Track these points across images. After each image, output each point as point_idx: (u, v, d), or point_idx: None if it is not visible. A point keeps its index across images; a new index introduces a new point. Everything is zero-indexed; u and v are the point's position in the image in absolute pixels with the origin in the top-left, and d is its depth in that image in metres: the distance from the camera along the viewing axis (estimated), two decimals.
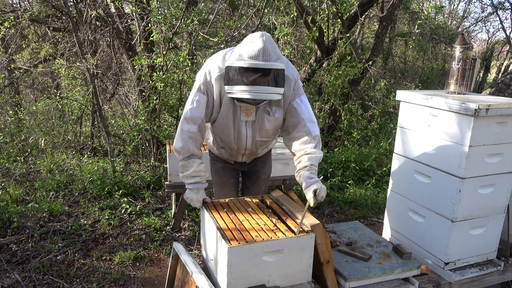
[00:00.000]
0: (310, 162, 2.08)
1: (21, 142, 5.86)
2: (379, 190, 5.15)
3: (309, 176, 2.04)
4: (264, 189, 2.70)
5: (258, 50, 1.88)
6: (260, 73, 1.88)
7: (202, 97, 2.12)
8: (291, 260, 1.89)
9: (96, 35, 5.86)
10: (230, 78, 1.96)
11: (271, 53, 1.90)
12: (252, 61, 1.88)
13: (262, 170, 2.60)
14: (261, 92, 1.91)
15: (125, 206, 4.23)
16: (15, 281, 3.01)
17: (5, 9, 6.62)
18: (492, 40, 12.82)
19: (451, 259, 2.41)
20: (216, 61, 2.11)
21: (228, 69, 1.97)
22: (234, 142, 2.27)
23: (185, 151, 2.15)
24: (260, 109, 2.17)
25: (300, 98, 2.19)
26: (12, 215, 3.86)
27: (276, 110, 2.18)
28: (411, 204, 2.62)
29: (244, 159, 2.47)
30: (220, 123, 2.21)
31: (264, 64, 1.88)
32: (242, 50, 1.94)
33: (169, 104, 5.19)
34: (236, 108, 2.17)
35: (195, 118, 2.13)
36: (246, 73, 1.89)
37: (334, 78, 5.69)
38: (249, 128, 2.23)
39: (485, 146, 2.28)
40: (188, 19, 4.70)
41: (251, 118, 2.19)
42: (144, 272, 3.29)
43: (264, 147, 2.42)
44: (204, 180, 2.20)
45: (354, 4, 5.67)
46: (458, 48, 2.49)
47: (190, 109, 2.13)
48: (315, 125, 2.19)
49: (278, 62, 1.93)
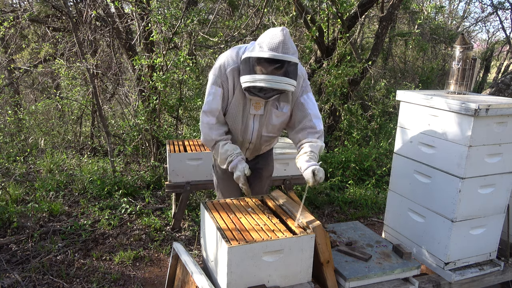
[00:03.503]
0: (311, 149, 2.18)
1: (21, 142, 5.86)
2: (379, 190, 5.15)
3: (308, 160, 2.13)
4: (267, 189, 2.72)
5: (278, 42, 1.97)
6: (278, 64, 1.97)
7: (218, 90, 2.21)
8: (291, 260, 1.89)
9: (96, 35, 5.86)
10: (248, 68, 2.04)
11: (290, 47, 2.00)
12: (272, 52, 1.97)
13: (265, 168, 2.64)
14: (277, 81, 2.00)
15: (125, 206, 4.23)
16: (15, 281, 3.01)
17: (5, 9, 6.61)
18: (492, 40, 12.84)
19: (451, 259, 2.41)
20: (230, 55, 2.20)
21: (246, 60, 2.05)
22: (240, 135, 2.35)
23: (208, 141, 2.28)
24: (269, 103, 2.25)
25: (307, 95, 2.29)
26: (12, 215, 3.86)
27: (284, 106, 2.27)
28: (411, 204, 2.62)
29: (247, 155, 2.52)
30: (229, 115, 2.28)
31: (283, 56, 1.97)
32: (262, 41, 2.02)
33: (169, 104, 5.19)
34: (246, 101, 2.24)
35: (213, 110, 2.23)
36: (264, 63, 1.98)
37: (334, 78, 5.69)
38: (256, 121, 2.31)
39: (485, 146, 2.28)
40: (188, 19, 4.70)
41: (259, 112, 2.27)
42: (144, 272, 3.29)
43: (268, 144, 2.47)
44: (236, 155, 2.25)
45: (354, 4, 5.67)
46: (458, 48, 2.49)
47: (207, 102, 2.23)
48: (320, 120, 2.29)
49: (294, 56, 2.03)
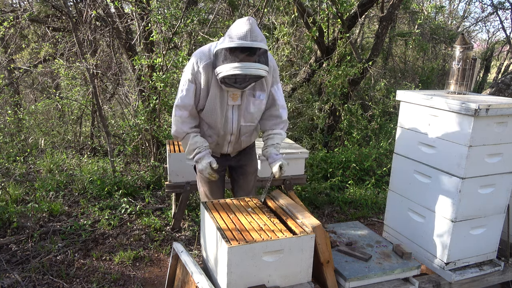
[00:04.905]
0: (277, 141, 2.47)
1: (21, 142, 5.86)
2: (379, 190, 5.15)
3: (275, 152, 2.43)
4: (253, 185, 2.75)
5: (246, 31, 2.07)
6: (248, 51, 2.07)
7: (191, 86, 2.30)
8: (291, 260, 1.89)
9: (96, 35, 5.86)
10: (221, 59, 2.12)
11: (258, 35, 2.10)
12: (241, 41, 2.07)
13: (249, 164, 2.70)
14: (250, 67, 2.09)
15: (125, 206, 4.22)
16: (15, 281, 3.01)
17: (5, 9, 6.61)
18: (492, 40, 12.84)
19: (451, 259, 2.41)
20: (203, 51, 2.29)
21: (218, 52, 2.15)
22: (221, 128, 2.41)
23: (179, 133, 2.38)
24: (245, 93, 2.34)
25: (277, 85, 2.46)
26: (12, 215, 3.86)
27: (261, 94, 2.38)
28: (411, 204, 2.62)
29: (229, 150, 2.56)
30: (208, 109, 2.35)
31: (251, 43, 2.07)
32: (231, 32, 2.12)
33: (169, 104, 5.19)
34: (223, 94, 2.32)
35: (186, 105, 2.33)
36: (236, 51, 2.07)
37: (334, 78, 5.69)
38: (235, 112, 2.39)
39: (485, 146, 2.28)
40: (188, 19, 4.69)
41: (237, 102, 2.36)
42: (144, 272, 3.28)
43: (247, 135, 2.52)
44: (204, 148, 2.37)
45: (354, 4, 5.67)
46: (458, 48, 2.49)
47: (180, 97, 2.33)
48: (285, 111, 2.52)
49: (263, 43, 2.12)
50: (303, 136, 6.33)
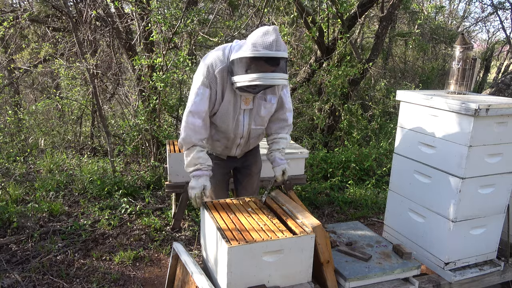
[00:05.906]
0: (282, 145, 2.48)
1: (21, 142, 5.86)
2: (379, 190, 5.15)
3: (280, 157, 2.46)
4: (256, 186, 2.74)
5: (272, 41, 2.02)
6: (273, 61, 2.03)
7: (205, 91, 2.22)
8: (291, 260, 1.89)
9: (96, 35, 5.86)
10: (243, 68, 2.06)
11: (281, 44, 2.06)
12: (268, 51, 2.02)
13: (254, 164, 2.68)
14: (274, 78, 2.05)
15: (125, 206, 4.22)
16: (15, 281, 3.01)
17: (5, 9, 6.61)
18: (492, 40, 12.84)
19: (451, 259, 2.41)
20: (217, 55, 2.22)
21: (239, 60, 2.07)
22: (232, 131, 2.38)
23: (187, 142, 2.27)
24: (257, 97, 2.31)
25: (286, 89, 2.45)
26: (12, 215, 3.86)
27: (272, 97, 2.36)
28: (411, 204, 2.62)
29: (237, 152, 2.54)
30: (221, 114, 2.30)
31: (276, 53, 2.03)
32: (255, 41, 2.03)
33: (169, 104, 5.19)
34: (237, 98, 2.28)
35: (200, 111, 2.22)
36: (261, 61, 2.02)
37: (334, 78, 5.69)
38: (246, 116, 2.36)
39: (485, 146, 2.28)
40: (188, 19, 4.69)
41: (249, 106, 2.33)
42: (144, 272, 3.28)
43: (256, 138, 2.51)
44: (206, 168, 2.28)
45: (354, 4, 5.67)
46: (458, 48, 2.49)
47: (194, 102, 2.22)
48: (291, 114, 2.52)
49: (286, 52, 2.10)
50: (303, 136, 6.33)
